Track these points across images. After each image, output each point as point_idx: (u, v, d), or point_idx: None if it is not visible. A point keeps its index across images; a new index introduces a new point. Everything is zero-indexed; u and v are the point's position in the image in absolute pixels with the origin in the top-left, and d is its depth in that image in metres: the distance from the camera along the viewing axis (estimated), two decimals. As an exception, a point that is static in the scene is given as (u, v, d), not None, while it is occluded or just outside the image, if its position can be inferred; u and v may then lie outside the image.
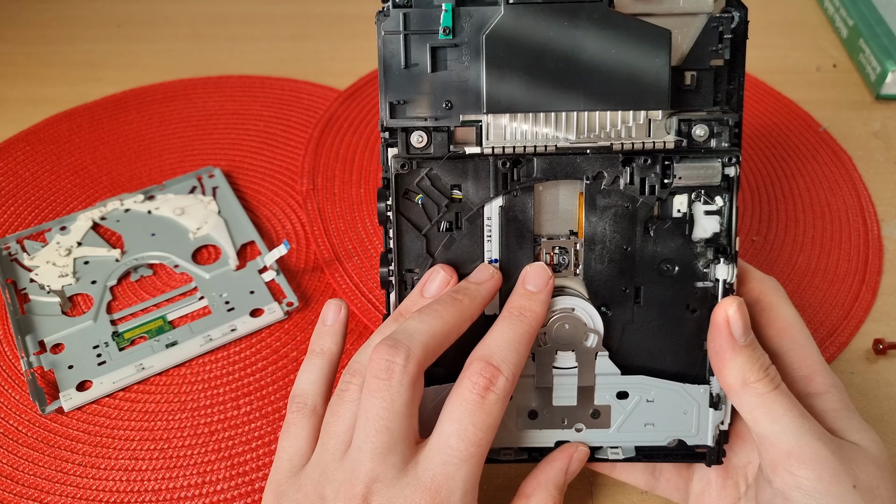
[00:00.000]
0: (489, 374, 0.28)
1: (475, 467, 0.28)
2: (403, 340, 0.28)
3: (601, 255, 0.31)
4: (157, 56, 0.64)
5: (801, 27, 0.66)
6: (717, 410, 0.32)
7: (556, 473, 0.31)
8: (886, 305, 0.44)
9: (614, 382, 0.32)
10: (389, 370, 0.28)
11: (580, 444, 0.32)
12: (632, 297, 0.32)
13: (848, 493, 0.27)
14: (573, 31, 0.29)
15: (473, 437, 0.28)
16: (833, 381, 0.31)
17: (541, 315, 0.30)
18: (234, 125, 0.57)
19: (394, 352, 0.28)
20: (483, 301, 0.31)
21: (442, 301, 0.30)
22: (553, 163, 0.30)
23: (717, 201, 0.31)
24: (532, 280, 0.31)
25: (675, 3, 0.29)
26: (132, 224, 0.48)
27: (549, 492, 0.31)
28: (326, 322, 0.34)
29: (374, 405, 0.28)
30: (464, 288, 0.31)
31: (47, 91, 0.60)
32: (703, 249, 0.31)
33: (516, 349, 0.29)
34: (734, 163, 0.30)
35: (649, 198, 0.31)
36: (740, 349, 0.30)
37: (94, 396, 0.40)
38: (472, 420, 0.28)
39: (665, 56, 0.29)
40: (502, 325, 0.30)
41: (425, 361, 0.29)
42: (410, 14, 0.29)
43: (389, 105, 0.30)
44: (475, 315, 0.31)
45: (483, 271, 0.31)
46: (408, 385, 0.28)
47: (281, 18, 0.68)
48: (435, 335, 0.29)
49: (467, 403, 0.28)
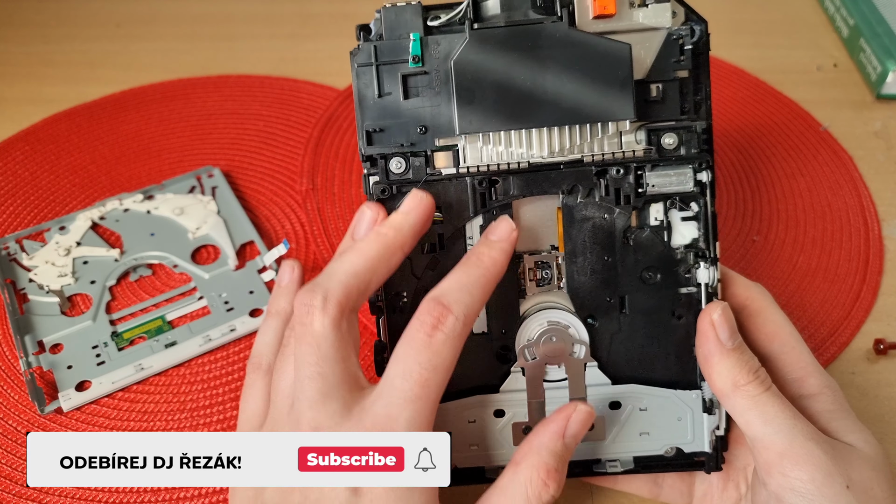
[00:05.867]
0: (437, 313, 0.27)
1: (421, 409, 0.27)
2: (322, 283, 0.28)
3: (583, 267, 0.32)
4: (156, 55, 0.63)
5: (802, 26, 0.65)
6: (710, 415, 0.32)
7: (550, 437, 0.28)
8: (887, 305, 0.44)
9: (606, 393, 0.32)
10: (309, 314, 0.27)
11: (580, 402, 0.30)
12: (617, 307, 0.32)
13: (841, 494, 0.27)
14: (537, 51, 0.30)
15: (418, 377, 0.27)
16: (826, 383, 0.31)
17: (499, 262, 0.29)
18: (234, 125, 0.56)
19: (311, 295, 0.28)
20: (411, 230, 0.29)
21: (365, 238, 0.29)
22: (529, 180, 0.31)
23: (693, 207, 0.31)
24: (494, 230, 0.30)
25: (633, 20, 0.30)
26: (131, 224, 0.48)
27: (540, 457, 0.28)
28: (282, 283, 0.34)
29: (302, 352, 0.28)
30: (389, 221, 0.30)
31: (46, 90, 0.60)
32: (683, 255, 0.31)
33: (469, 291, 0.28)
34: (705, 168, 0.31)
35: (625, 207, 0.31)
36: (728, 353, 0.29)
37: (94, 397, 0.39)
38: (417, 359, 0.27)
39: (627, 68, 0.30)
40: (458, 269, 0.29)
41: (347, 301, 0.28)
42: (380, 46, 0.31)
43: (367, 133, 0.31)
44: (405, 246, 0.29)
45: (411, 198, 0.30)
46: (330, 326, 0.27)
47: (280, 18, 0.68)
48: (357, 273, 0.28)
49: (413, 342, 0.27)
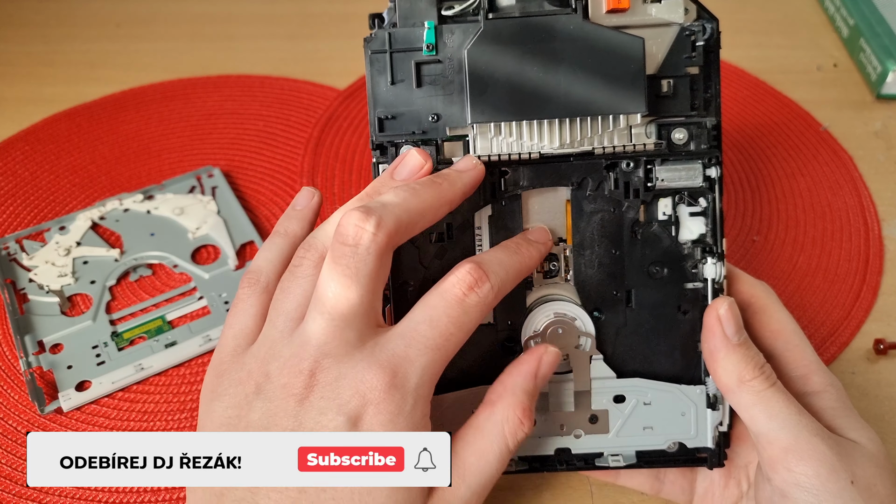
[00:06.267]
0: (477, 275, 0.27)
1: (438, 361, 0.27)
2: (376, 209, 0.27)
3: (591, 260, 0.32)
4: (156, 55, 0.63)
5: (802, 26, 0.65)
6: (714, 411, 0.32)
7: (523, 377, 0.29)
8: (887, 305, 0.44)
9: (610, 386, 0.32)
10: (357, 236, 0.26)
11: (549, 345, 0.30)
12: (623, 301, 0.32)
13: (846, 490, 0.27)
14: (551, 42, 0.30)
15: (445, 329, 0.27)
16: (830, 380, 0.31)
17: (536, 260, 0.30)
18: (234, 125, 0.56)
19: (365, 217, 0.26)
20: (463, 189, 0.29)
21: (420, 181, 0.29)
22: (538, 171, 0.31)
23: (702, 202, 0.31)
24: (534, 234, 0.31)
25: (647, 15, 0.30)
26: (131, 224, 0.48)
27: (515, 397, 0.29)
28: (296, 206, 0.32)
29: (335, 273, 0.26)
30: (445, 173, 0.29)
31: (46, 90, 0.60)
32: (690, 251, 0.32)
33: (507, 269, 0.29)
34: (714, 164, 0.31)
35: (634, 201, 0.31)
36: (734, 348, 0.30)
37: (94, 397, 0.39)
38: (448, 312, 0.27)
39: (639, 61, 0.30)
40: (498, 249, 0.30)
41: (396, 236, 0.27)
42: (395, 34, 0.31)
43: (378, 120, 0.31)
44: (454, 201, 0.29)
45: (467, 160, 0.30)
46: (375, 254, 0.26)
47: (280, 18, 0.68)
48: (409, 210, 0.27)
49: (447, 295, 0.27)
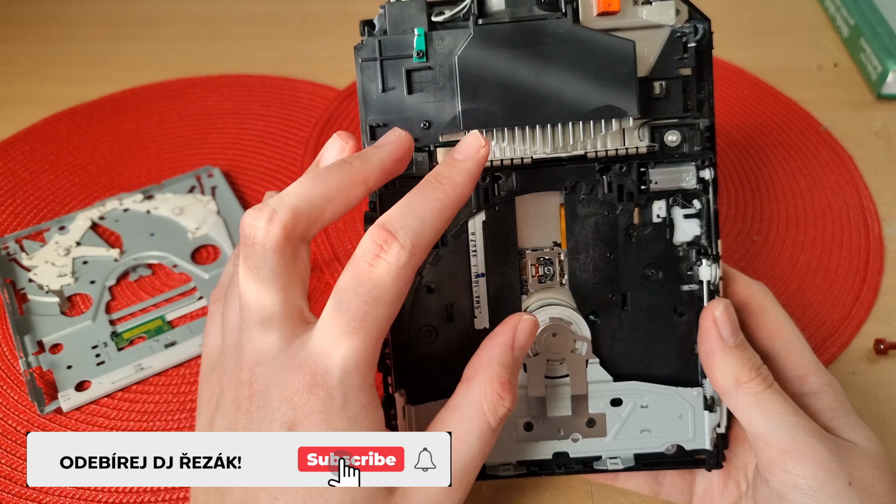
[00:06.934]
0: (381, 240, 0.25)
1: (359, 346, 0.25)
2: (271, 203, 0.26)
3: (585, 263, 0.32)
4: (155, 55, 0.63)
5: (802, 26, 0.65)
6: (711, 413, 0.32)
7: (500, 350, 0.28)
8: (887, 305, 0.44)
9: (607, 389, 0.32)
10: (252, 234, 0.26)
11: (525, 313, 0.29)
12: (619, 304, 0.32)
13: (843, 491, 0.27)
14: (541, 47, 0.29)
15: (356, 310, 0.25)
16: (828, 381, 0.31)
17: (461, 184, 0.27)
18: (233, 124, 0.56)
19: (257, 214, 0.26)
20: (379, 164, 0.27)
21: (328, 166, 0.27)
22: (532, 175, 0.31)
23: (696, 204, 0.31)
24: (460, 148, 0.28)
25: (637, 17, 0.30)
26: (131, 224, 0.48)
27: (492, 370, 0.27)
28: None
29: (245, 276, 0.26)
30: (361, 151, 0.28)
31: (46, 90, 0.60)
32: (685, 253, 0.31)
33: (420, 217, 0.26)
34: (708, 166, 0.31)
35: (628, 204, 0.31)
36: (730, 350, 0.29)
37: (93, 397, 0.39)
38: (356, 290, 0.25)
39: (631, 64, 0.29)
40: (412, 193, 0.27)
41: (295, 226, 0.26)
42: (385, 41, 0.30)
43: (370, 128, 0.31)
44: (369, 181, 0.27)
45: (389, 133, 0.28)
46: (273, 250, 0.25)
47: (280, 17, 0.68)
48: (310, 198, 0.26)
49: (353, 272, 0.25)
